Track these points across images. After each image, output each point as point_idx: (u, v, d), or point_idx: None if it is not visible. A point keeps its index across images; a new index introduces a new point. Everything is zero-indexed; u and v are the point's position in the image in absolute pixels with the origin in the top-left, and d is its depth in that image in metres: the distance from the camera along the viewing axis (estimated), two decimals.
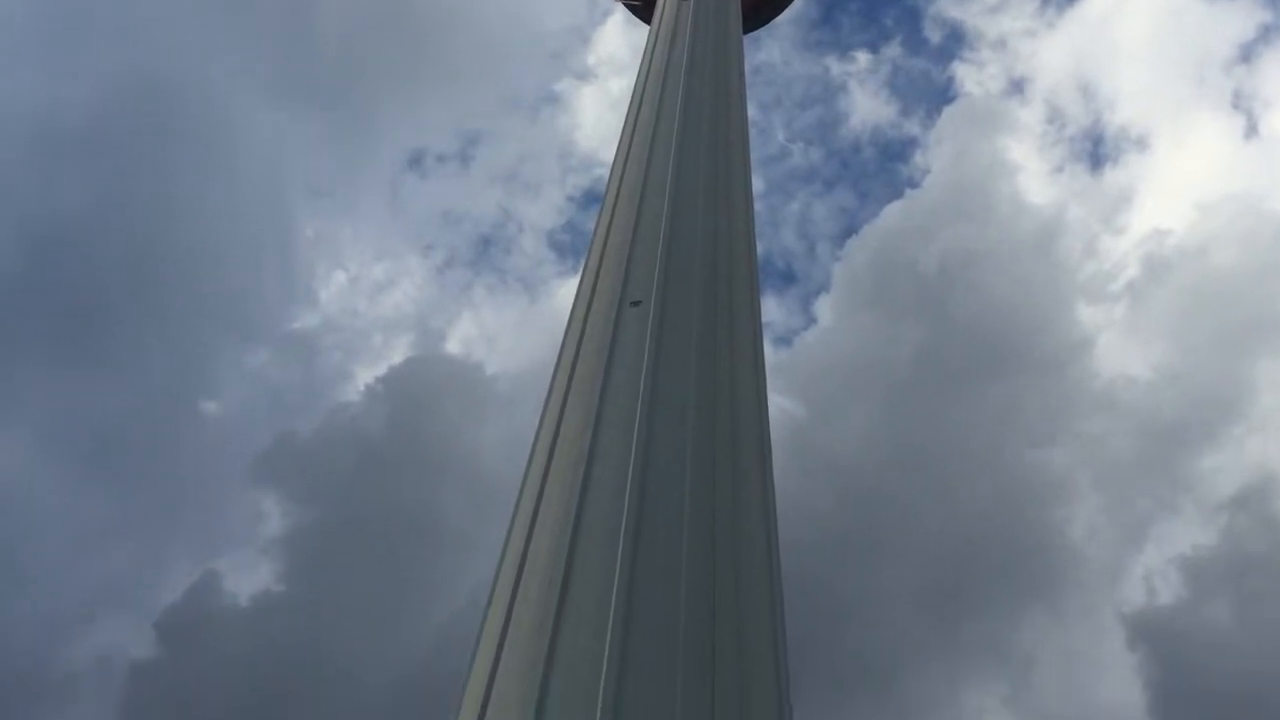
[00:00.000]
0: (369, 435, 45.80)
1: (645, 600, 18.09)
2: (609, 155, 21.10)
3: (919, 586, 40.07)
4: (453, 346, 62.19)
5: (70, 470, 50.13)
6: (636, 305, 18.54)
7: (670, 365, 18.74)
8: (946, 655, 40.38)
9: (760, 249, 21.83)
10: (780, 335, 72.67)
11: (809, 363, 53.26)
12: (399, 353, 62.63)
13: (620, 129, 21.98)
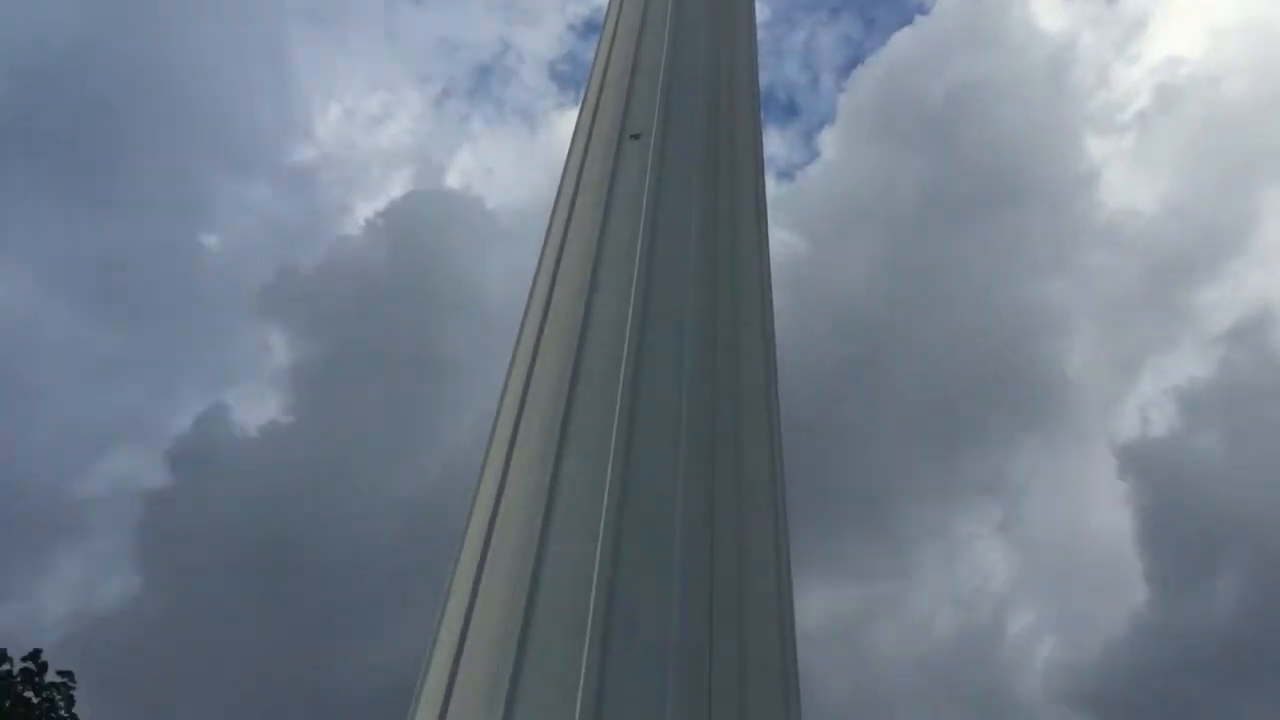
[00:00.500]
0: (371, 269, 45.93)
1: (646, 424, 18.46)
2: None
3: (916, 417, 40.81)
4: (452, 180, 61.80)
5: (77, 305, 50.46)
6: (636, 139, 18.37)
7: (671, 199, 18.68)
8: (941, 484, 41.38)
9: (763, 81, 21.52)
10: (782, 169, 72.05)
11: (811, 196, 53.00)
12: (398, 186, 62.21)
13: None
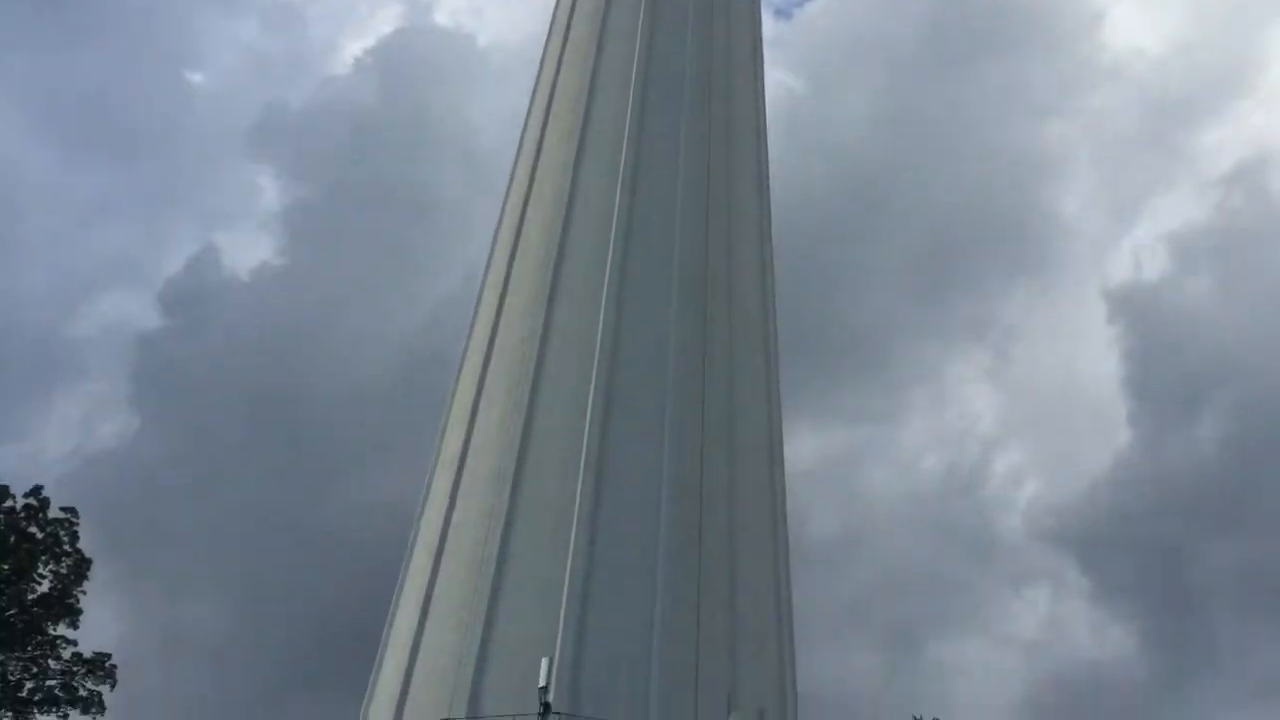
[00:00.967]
0: (361, 109, 45.03)
1: (638, 267, 18.41)
2: None
3: (910, 261, 40.59)
4: (442, 18, 60.26)
5: (64, 147, 49.73)
6: None
7: (666, 32, 18.30)
8: (933, 327, 41.41)
9: None
10: (780, 7, 70.42)
11: (810, 36, 51.77)
12: (387, 24, 60.71)
13: None
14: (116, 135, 47.52)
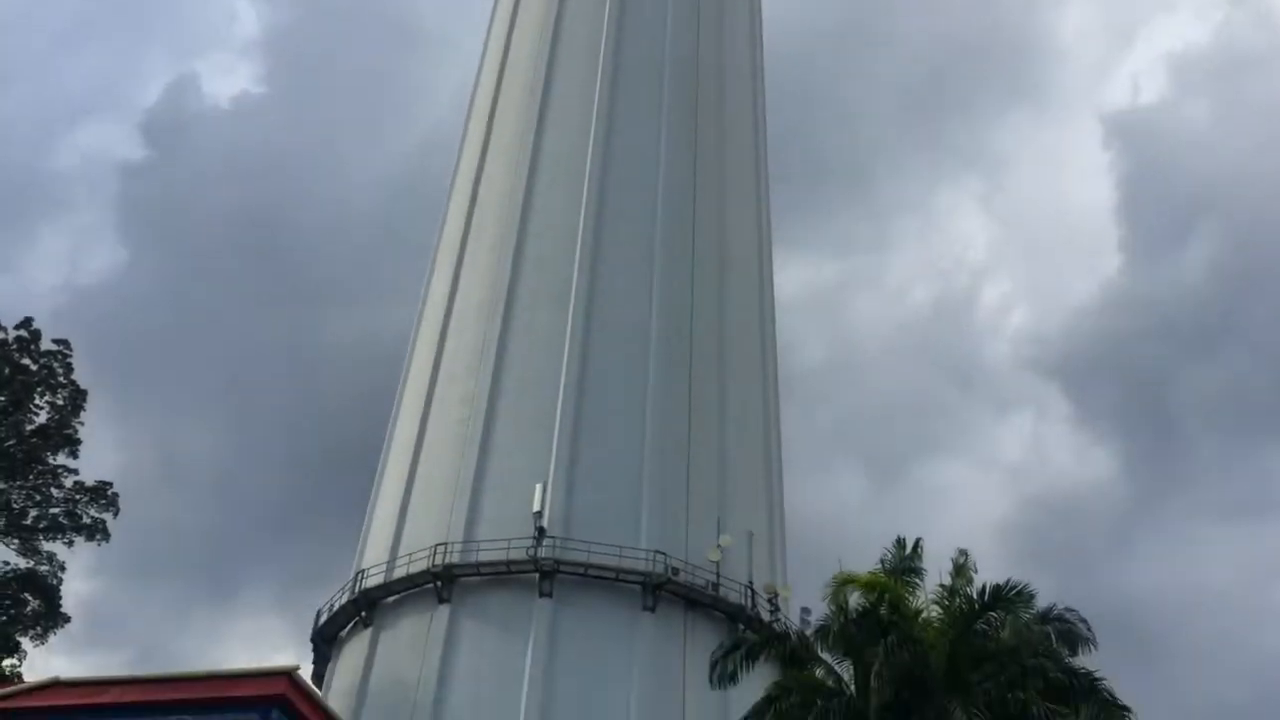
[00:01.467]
0: None
1: (628, 91, 18.17)
2: None
3: (902, 85, 39.84)
4: None
5: None
6: None
7: None
8: (924, 154, 40.95)
9: None
10: None
11: None
12: None
13: None
14: None
